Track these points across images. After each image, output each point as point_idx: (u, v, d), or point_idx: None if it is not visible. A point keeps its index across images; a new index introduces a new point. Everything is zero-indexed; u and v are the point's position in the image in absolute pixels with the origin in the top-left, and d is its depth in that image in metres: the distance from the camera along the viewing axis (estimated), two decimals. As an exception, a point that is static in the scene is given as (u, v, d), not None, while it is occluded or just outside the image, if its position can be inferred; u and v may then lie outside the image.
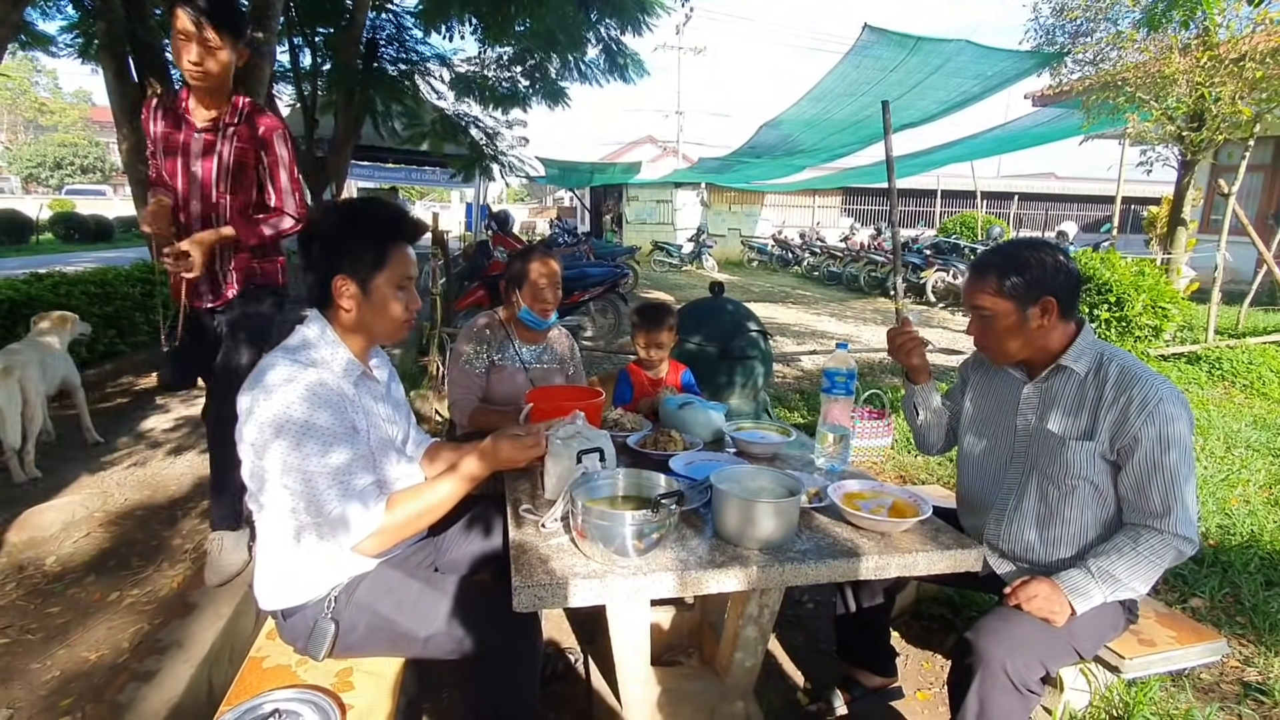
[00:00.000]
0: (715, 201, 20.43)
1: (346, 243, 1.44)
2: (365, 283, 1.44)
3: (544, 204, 37.08)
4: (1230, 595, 2.51)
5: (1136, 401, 1.46)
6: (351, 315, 1.46)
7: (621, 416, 2.13)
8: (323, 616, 1.44)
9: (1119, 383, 1.50)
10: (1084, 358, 1.57)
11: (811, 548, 1.41)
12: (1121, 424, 1.47)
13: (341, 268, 1.43)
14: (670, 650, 2.07)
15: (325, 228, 1.47)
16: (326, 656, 1.45)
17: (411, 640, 1.45)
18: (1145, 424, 1.44)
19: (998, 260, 1.58)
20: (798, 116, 8.38)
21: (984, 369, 1.82)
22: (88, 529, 2.75)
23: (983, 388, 1.81)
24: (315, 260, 1.45)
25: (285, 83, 9.44)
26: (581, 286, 6.78)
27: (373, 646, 1.49)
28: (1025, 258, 1.55)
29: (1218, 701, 1.96)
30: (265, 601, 1.48)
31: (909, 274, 11.24)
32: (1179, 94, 6.61)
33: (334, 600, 1.46)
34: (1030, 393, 1.65)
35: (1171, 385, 1.48)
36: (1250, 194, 11.57)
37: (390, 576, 1.50)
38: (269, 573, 1.46)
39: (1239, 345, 6.06)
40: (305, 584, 1.45)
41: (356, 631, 1.46)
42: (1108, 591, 1.46)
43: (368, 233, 1.45)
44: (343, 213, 1.50)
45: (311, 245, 1.47)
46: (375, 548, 1.39)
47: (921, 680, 2.15)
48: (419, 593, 1.47)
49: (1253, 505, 3.24)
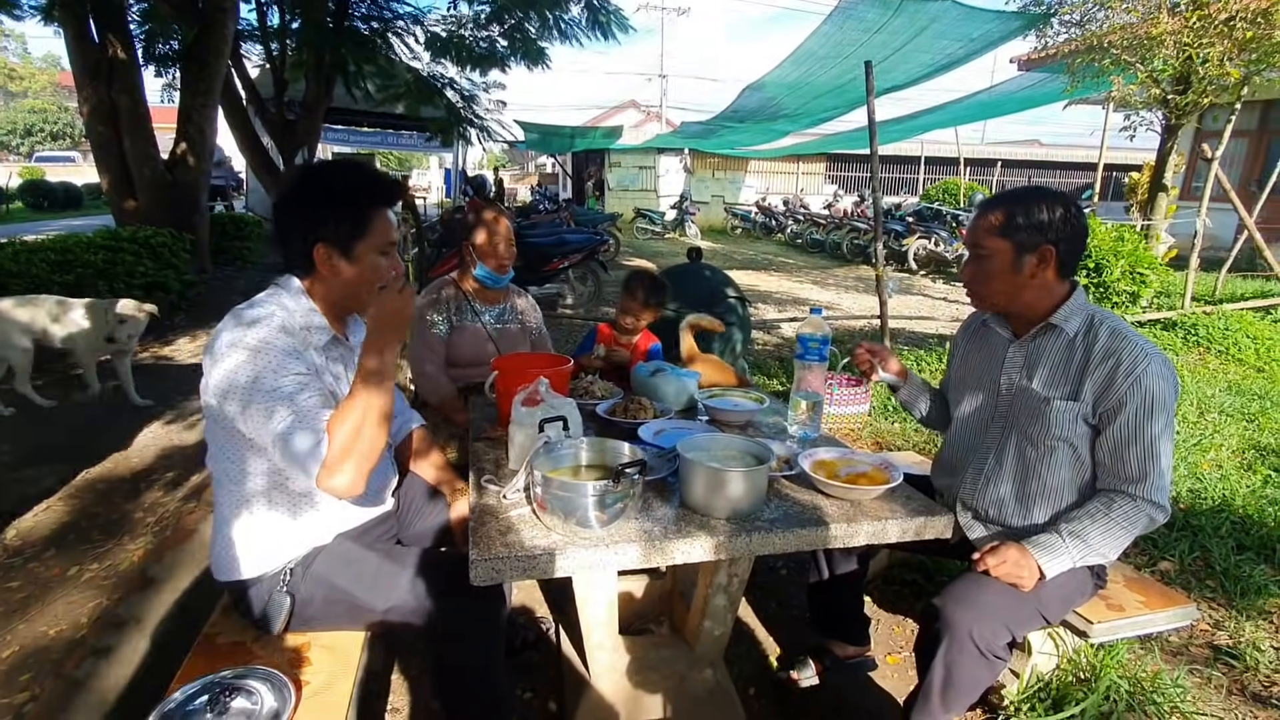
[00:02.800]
0: (699, 168, 20.16)
1: (326, 209, 1.37)
2: (348, 251, 1.38)
3: (525, 170, 36.44)
4: (1200, 559, 2.54)
5: (1125, 365, 1.43)
6: (334, 283, 1.41)
7: (592, 383, 2.07)
8: (278, 590, 1.41)
9: (1108, 345, 1.46)
10: (1075, 318, 1.53)
11: (780, 516, 1.38)
12: (1107, 387, 1.44)
13: (323, 236, 1.36)
14: (641, 619, 2.05)
15: (302, 193, 1.40)
16: (283, 630, 1.42)
17: (370, 612, 1.42)
18: (1131, 388, 1.41)
19: (1006, 201, 1.53)
20: (781, 79, 8.21)
21: (972, 332, 1.80)
22: (47, 502, 2.68)
23: (970, 349, 1.78)
24: (293, 228, 1.39)
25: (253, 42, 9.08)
26: (561, 254, 6.66)
27: (331, 619, 1.46)
28: (1035, 202, 1.49)
29: (1187, 664, 1.98)
30: (221, 573, 1.44)
31: (891, 241, 11.19)
32: (1166, 55, 6.53)
33: (290, 573, 1.42)
34: (1016, 352, 1.62)
35: (1160, 352, 1.45)
36: (1234, 160, 11.58)
37: (348, 549, 1.47)
38: (225, 544, 1.42)
39: (1215, 311, 6.10)
40: (261, 556, 1.41)
41: (313, 604, 1.43)
42: (1077, 555, 1.44)
43: (347, 198, 1.38)
44: (320, 177, 1.42)
45: (288, 212, 1.40)
46: (340, 482, 1.25)
47: (892, 644, 2.16)
48: (377, 565, 1.44)
49: (1225, 470, 3.27)
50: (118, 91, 6.07)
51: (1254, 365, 5.30)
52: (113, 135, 6.19)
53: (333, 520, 1.48)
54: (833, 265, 12.11)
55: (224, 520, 1.41)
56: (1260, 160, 11.39)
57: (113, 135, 6.19)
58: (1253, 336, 5.70)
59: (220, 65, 6.60)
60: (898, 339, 6.03)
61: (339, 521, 1.49)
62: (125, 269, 5.08)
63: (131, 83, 6.16)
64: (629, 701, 1.70)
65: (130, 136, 6.19)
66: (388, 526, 1.66)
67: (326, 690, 1.34)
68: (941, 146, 18.24)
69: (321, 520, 1.46)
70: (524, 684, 1.92)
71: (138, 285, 5.16)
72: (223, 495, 1.41)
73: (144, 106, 6.34)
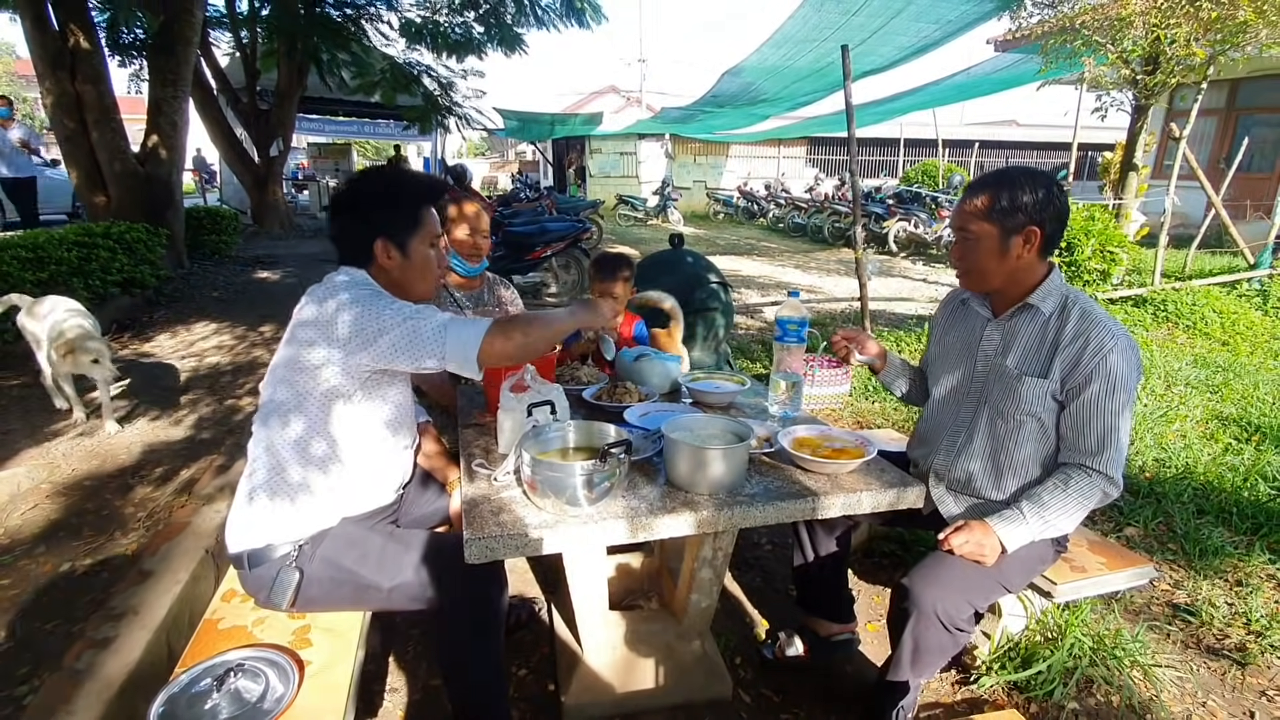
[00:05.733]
0: (680, 153, 20.11)
1: (385, 207, 1.52)
2: (404, 245, 1.52)
3: (505, 158, 36.09)
4: (1163, 524, 2.66)
5: (1093, 345, 1.50)
6: (392, 276, 1.53)
7: (578, 370, 2.12)
8: (287, 565, 1.45)
9: (1077, 326, 1.53)
10: (1051, 299, 1.59)
11: (761, 491, 1.44)
12: (1075, 365, 1.52)
13: (382, 231, 1.50)
14: (631, 595, 2.12)
15: (365, 194, 1.53)
16: (290, 606, 1.46)
17: (376, 590, 1.47)
18: (1097, 367, 1.49)
19: (992, 183, 1.57)
20: (760, 64, 8.22)
21: (951, 308, 1.85)
22: (34, 500, 2.68)
23: (949, 325, 1.84)
24: (354, 225, 1.52)
25: (223, 29, 8.92)
26: (543, 242, 6.67)
27: (336, 600, 1.50)
28: (1020, 184, 1.53)
29: (1147, 622, 2.09)
30: (234, 544, 1.48)
31: (871, 224, 11.28)
32: (1134, 36, 6.63)
33: (299, 550, 1.47)
34: (993, 330, 1.68)
35: (1127, 334, 1.52)
36: (1203, 138, 11.80)
37: (353, 532, 1.52)
38: (240, 515, 1.47)
39: (1184, 288, 6.26)
40: (273, 528, 1.45)
41: (320, 584, 1.47)
42: (1037, 530, 1.53)
43: (403, 197, 1.54)
44: (375, 181, 1.57)
45: (349, 212, 1.53)
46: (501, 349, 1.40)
47: (872, 613, 2.25)
48: (382, 546, 1.49)
49: (1188, 440, 3.40)
50: (82, 82, 5.89)
51: (1219, 339, 5.47)
52: (79, 128, 6.02)
53: (339, 505, 1.52)
54: (814, 249, 12.19)
55: (245, 491, 1.48)
56: (1228, 138, 11.61)
57: (79, 128, 6.02)
58: (1218, 311, 5.87)
59: (189, 54, 6.48)
60: (878, 320, 6.13)
61: (344, 507, 1.53)
62: (100, 265, 5.01)
63: (96, 73, 5.99)
64: (620, 673, 1.76)
65: (98, 129, 6.04)
66: (388, 514, 1.70)
67: (328, 670, 1.39)
68: (921, 128, 18.30)
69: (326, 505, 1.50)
70: (518, 662, 1.98)
71: (113, 281, 5.10)
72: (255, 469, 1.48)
73: (111, 98, 6.17)
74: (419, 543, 1.51)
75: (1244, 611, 2.16)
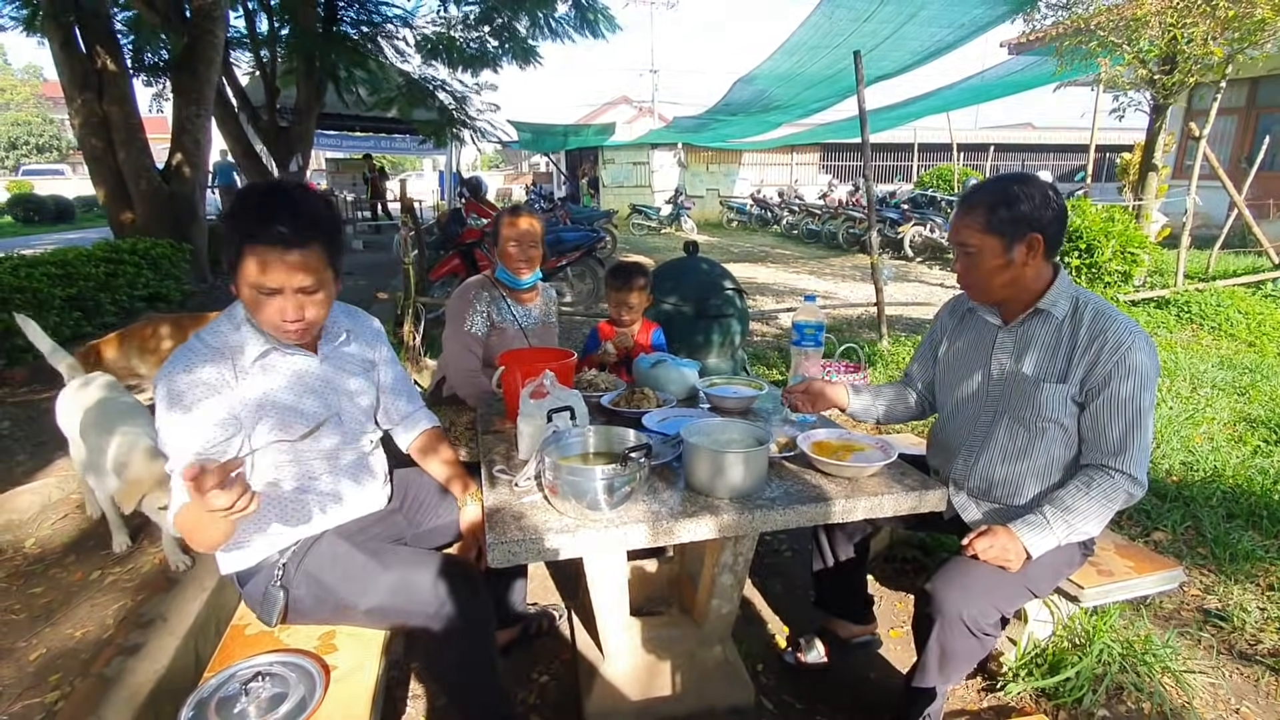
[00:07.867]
0: (693, 162, 20.17)
1: (226, 232, 1.31)
2: (236, 283, 1.32)
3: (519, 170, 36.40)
4: (1192, 528, 2.61)
5: (1110, 344, 1.48)
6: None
7: (596, 377, 2.14)
8: (272, 584, 1.45)
9: (1093, 326, 1.51)
10: (1061, 302, 1.57)
11: (781, 495, 1.44)
12: (1093, 366, 1.49)
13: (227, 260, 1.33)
14: (651, 601, 2.12)
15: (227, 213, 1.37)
16: (279, 622, 1.46)
17: (352, 611, 1.45)
18: (1116, 365, 1.47)
19: (986, 195, 1.55)
20: (771, 71, 8.25)
21: (958, 315, 1.82)
22: (65, 510, 2.74)
23: (957, 333, 1.80)
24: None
25: (243, 50, 9.12)
26: (557, 252, 6.73)
27: (321, 615, 1.49)
28: (1014, 192, 1.51)
29: (1177, 628, 2.05)
30: (223, 565, 1.48)
31: (886, 229, 11.23)
32: (1151, 36, 6.57)
33: (282, 568, 1.46)
34: (1005, 337, 1.65)
35: (1143, 330, 1.50)
36: (1223, 137, 11.63)
37: (337, 546, 1.48)
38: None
39: (1208, 288, 6.16)
40: (254, 547, 1.45)
41: (305, 600, 1.46)
42: (1062, 535, 1.50)
43: (228, 227, 1.30)
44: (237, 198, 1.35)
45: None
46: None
47: (895, 619, 2.23)
48: (362, 565, 1.45)
49: (1216, 442, 3.34)
50: (109, 103, 6.08)
51: (1245, 340, 5.37)
52: (106, 147, 6.21)
53: (320, 517, 1.51)
54: (829, 255, 12.15)
55: None
56: (1249, 137, 11.44)
57: (106, 147, 6.21)
58: (1244, 312, 5.77)
59: (212, 74, 6.64)
60: (895, 325, 6.09)
61: (326, 519, 1.52)
62: (127, 280, 5.13)
63: (122, 94, 6.17)
64: (641, 679, 1.76)
65: (124, 149, 6.21)
66: (389, 525, 1.66)
67: (352, 676, 1.40)
68: (935, 132, 18.23)
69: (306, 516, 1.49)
70: (539, 669, 1.98)
71: (139, 296, 5.21)
72: None
73: (137, 118, 6.35)
74: (401, 562, 1.45)
75: (1277, 616, 2.12)
